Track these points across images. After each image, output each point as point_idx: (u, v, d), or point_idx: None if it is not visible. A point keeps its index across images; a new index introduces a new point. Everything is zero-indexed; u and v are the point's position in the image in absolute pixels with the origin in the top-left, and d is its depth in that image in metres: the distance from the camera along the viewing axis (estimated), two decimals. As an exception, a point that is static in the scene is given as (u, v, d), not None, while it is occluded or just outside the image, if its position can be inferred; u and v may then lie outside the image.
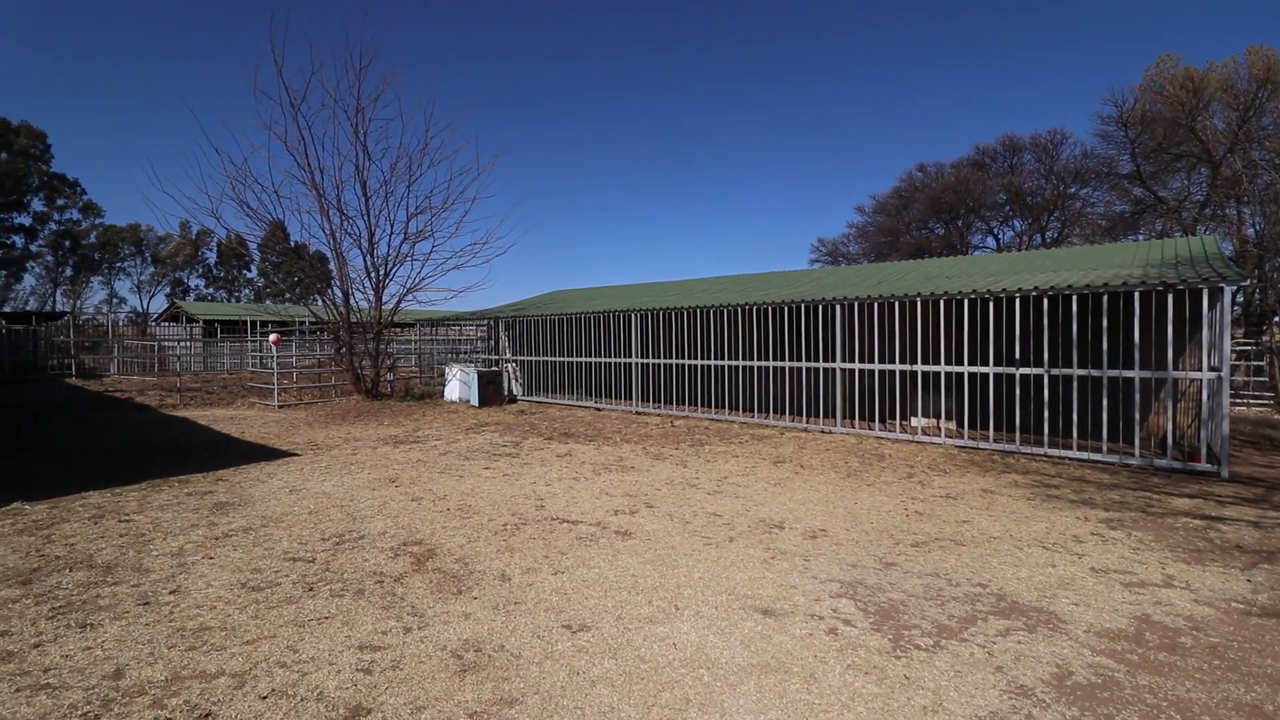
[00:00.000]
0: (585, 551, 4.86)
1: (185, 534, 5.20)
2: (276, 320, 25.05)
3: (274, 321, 26.39)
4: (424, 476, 7.39)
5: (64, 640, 3.43)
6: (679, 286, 17.20)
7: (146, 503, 6.17)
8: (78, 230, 54.61)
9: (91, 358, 23.33)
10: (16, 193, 50.27)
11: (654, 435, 10.51)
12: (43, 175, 52.35)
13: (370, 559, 4.66)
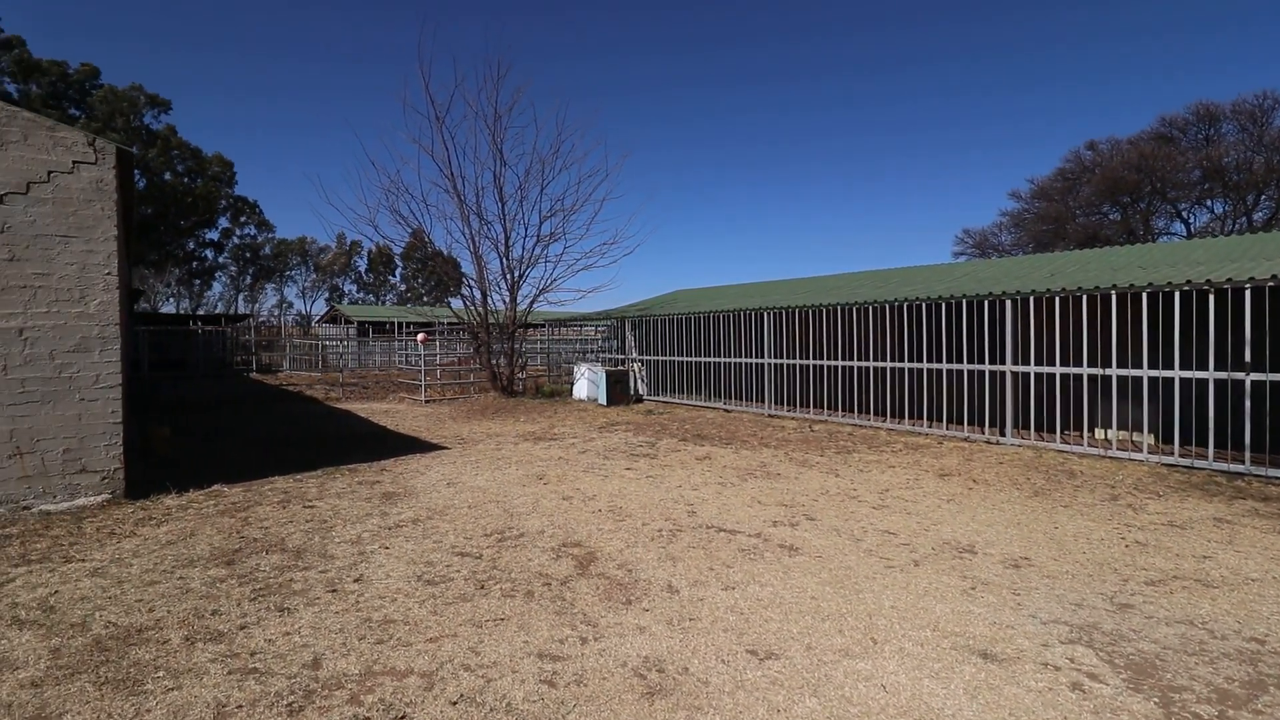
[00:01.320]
0: (752, 566, 4.49)
1: (361, 522, 5.44)
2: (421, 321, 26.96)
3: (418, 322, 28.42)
4: (569, 475, 7.37)
5: (266, 624, 3.58)
6: (811, 284, 16.36)
7: (325, 490, 6.59)
8: (255, 244, 62.26)
9: (267, 355, 26.34)
10: (209, 213, 58.07)
11: (793, 440, 9.94)
12: (229, 198, 60.11)
13: (534, 559, 4.59)
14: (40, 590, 3.96)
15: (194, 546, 4.79)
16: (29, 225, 5.97)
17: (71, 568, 4.34)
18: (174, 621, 3.58)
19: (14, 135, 5.96)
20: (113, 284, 6.34)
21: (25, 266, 5.94)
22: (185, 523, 5.42)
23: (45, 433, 5.95)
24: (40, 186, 6.05)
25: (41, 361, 5.96)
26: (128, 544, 4.84)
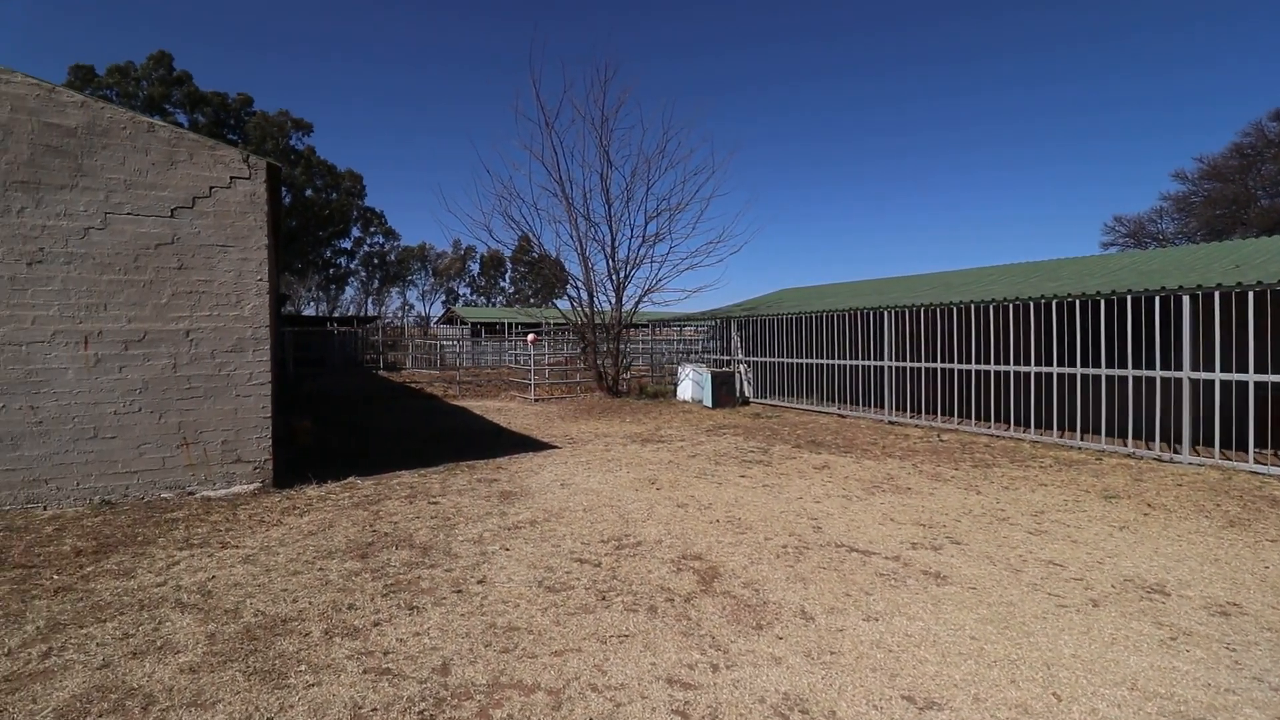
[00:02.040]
0: (895, 594, 4.05)
1: (482, 521, 5.50)
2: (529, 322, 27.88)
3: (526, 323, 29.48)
4: (682, 480, 7.15)
5: (397, 622, 3.61)
6: (935, 280, 15.17)
7: (447, 487, 6.78)
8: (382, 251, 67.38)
9: (392, 354, 28.30)
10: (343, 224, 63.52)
11: (920, 450, 9.16)
12: (359, 209, 65.46)
13: (653, 571, 4.40)
14: (200, 575, 4.26)
15: (332, 538, 5.02)
16: (194, 236, 6.57)
17: (227, 554, 4.66)
18: (314, 614, 3.70)
19: (182, 155, 6.58)
20: (264, 289, 6.85)
21: (191, 274, 6.54)
22: (324, 514, 5.73)
23: (207, 425, 6.52)
24: (203, 201, 6.64)
25: (204, 360, 6.54)
26: (275, 533, 5.15)
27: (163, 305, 6.39)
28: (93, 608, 3.74)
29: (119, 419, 6.17)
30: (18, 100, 5.97)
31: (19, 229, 5.92)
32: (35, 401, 5.90)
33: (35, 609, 3.71)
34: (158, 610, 3.72)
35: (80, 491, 6.01)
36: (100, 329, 6.14)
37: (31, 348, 5.92)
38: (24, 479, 5.84)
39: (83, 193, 6.15)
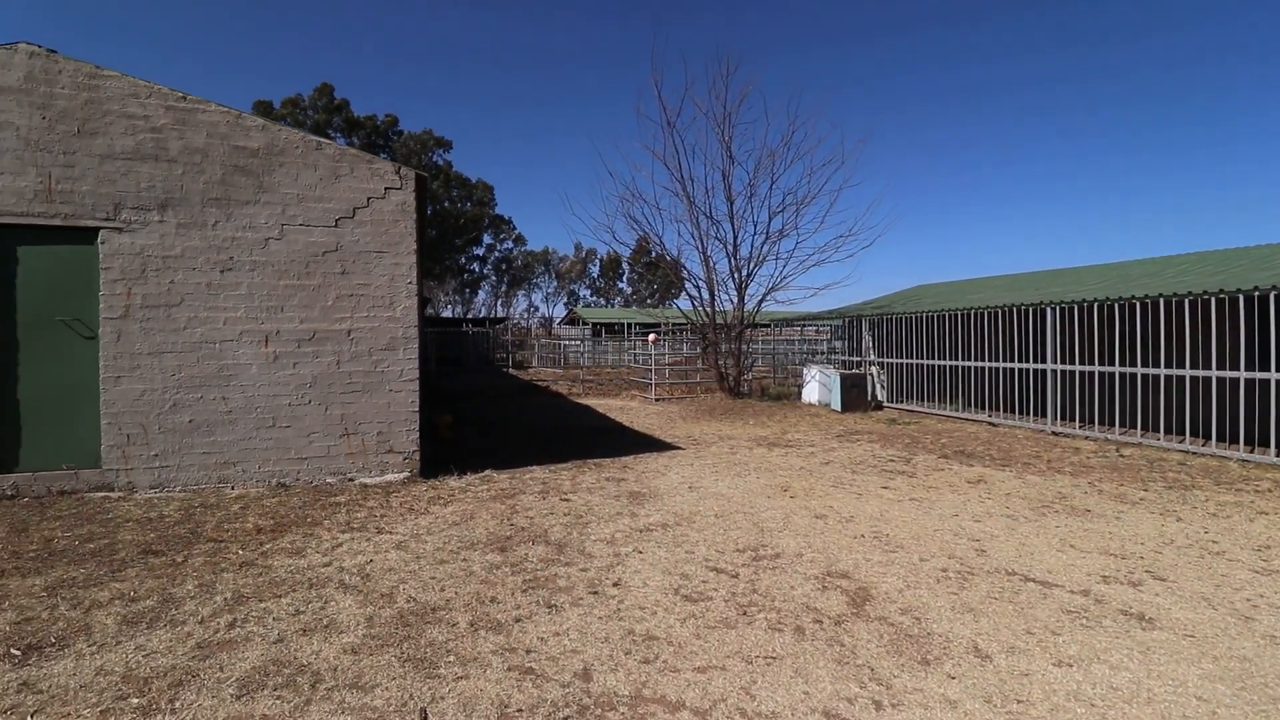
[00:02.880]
0: (1089, 637, 3.46)
1: (613, 521, 5.47)
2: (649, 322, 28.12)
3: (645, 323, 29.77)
4: (817, 489, 6.73)
5: (537, 620, 3.61)
6: (1108, 271, 13.35)
7: (577, 484, 6.86)
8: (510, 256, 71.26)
9: (520, 353, 29.76)
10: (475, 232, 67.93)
11: (1094, 466, 8.02)
12: (490, 217, 69.68)
13: (796, 587, 4.10)
14: (359, 558, 4.54)
15: (473, 530, 5.20)
16: (354, 244, 7.12)
17: (382, 539, 4.95)
18: (460, 604, 3.79)
19: (344, 170, 7.15)
20: (413, 291, 7.30)
21: (352, 278, 7.09)
22: (465, 505, 5.97)
23: (364, 418, 7.05)
24: (362, 211, 7.18)
25: (363, 358, 7.07)
26: (423, 521, 5.42)
27: (328, 307, 6.98)
28: (270, 583, 4.08)
29: (292, 410, 6.82)
30: (211, 127, 6.77)
31: (213, 240, 6.72)
32: (226, 393, 6.66)
33: (224, 581, 4.11)
34: (324, 590, 3.99)
35: (260, 474, 6.71)
36: (278, 329, 6.83)
37: (223, 345, 6.69)
38: (216, 461, 6.62)
39: (264, 207, 6.86)
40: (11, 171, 6.22)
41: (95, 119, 6.44)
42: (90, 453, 6.36)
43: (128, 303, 6.45)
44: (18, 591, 3.90)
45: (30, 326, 6.30)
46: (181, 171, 6.64)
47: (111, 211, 6.44)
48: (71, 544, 4.78)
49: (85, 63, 6.51)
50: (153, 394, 6.47)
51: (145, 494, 6.29)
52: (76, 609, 3.67)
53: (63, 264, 6.38)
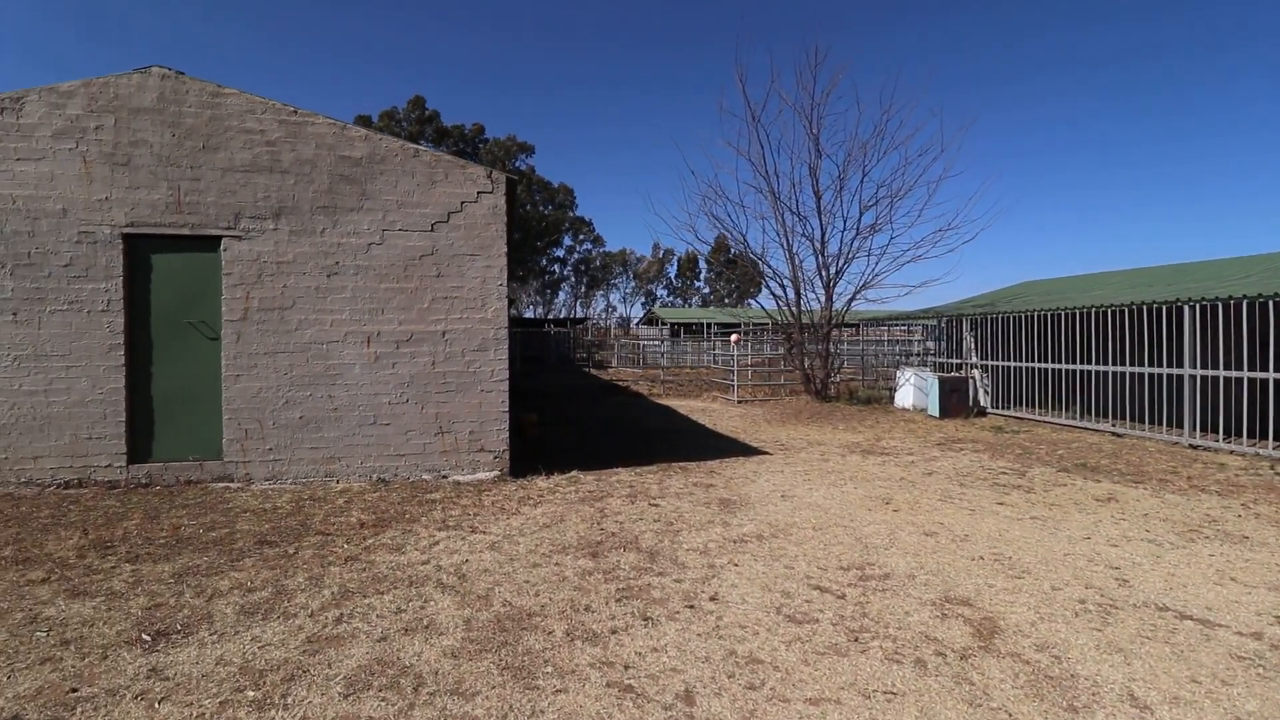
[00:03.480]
0: (1270, 690, 2.95)
1: (705, 530, 5.28)
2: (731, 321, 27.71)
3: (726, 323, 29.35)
4: (923, 503, 6.27)
5: (633, 633, 3.48)
6: (1251, 264, 11.82)
7: (664, 488, 6.72)
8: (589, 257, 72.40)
9: (599, 353, 30.10)
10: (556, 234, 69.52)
11: (1245, 485, 7.06)
12: (570, 219, 71.13)
13: (912, 613, 3.76)
14: (456, 558, 4.58)
15: (564, 533, 5.15)
16: (449, 247, 7.29)
17: (477, 539, 4.99)
18: (555, 611, 3.73)
19: (439, 175, 7.33)
20: (503, 293, 7.40)
21: (446, 281, 7.27)
22: (554, 507, 5.96)
23: (457, 417, 7.20)
24: (456, 215, 7.34)
25: (456, 358, 7.23)
26: (514, 522, 5.44)
27: (425, 309, 7.19)
28: (373, 579, 4.17)
29: (392, 408, 7.07)
30: (319, 138, 7.11)
31: (321, 246, 7.05)
32: (332, 391, 6.98)
33: (331, 575, 4.24)
34: (423, 588, 4.04)
35: (362, 470, 7.00)
36: (379, 330, 7.09)
37: (330, 346, 7.02)
38: (324, 456, 6.95)
39: (366, 213, 7.14)
40: (147, 186, 6.77)
41: (217, 134, 6.90)
42: (213, 446, 6.83)
43: (246, 306, 6.88)
44: (149, 577, 4.17)
45: (162, 328, 6.84)
46: (293, 182, 7.01)
47: (232, 220, 6.89)
48: (196, 532, 5.11)
49: (209, 82, 7.00)
50: (267, 392, 6.87)
51: (260, 485, 6.68)
52: (200, 597, 3.88)
53: (190, 270, 6.88)
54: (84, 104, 6.71)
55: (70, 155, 6.65)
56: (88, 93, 6.73)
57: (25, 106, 6.63)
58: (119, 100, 6.77)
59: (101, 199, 6.69)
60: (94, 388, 6.61)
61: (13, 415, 6.49)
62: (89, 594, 3.88)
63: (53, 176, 6.62)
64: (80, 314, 6.62)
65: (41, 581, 4.06)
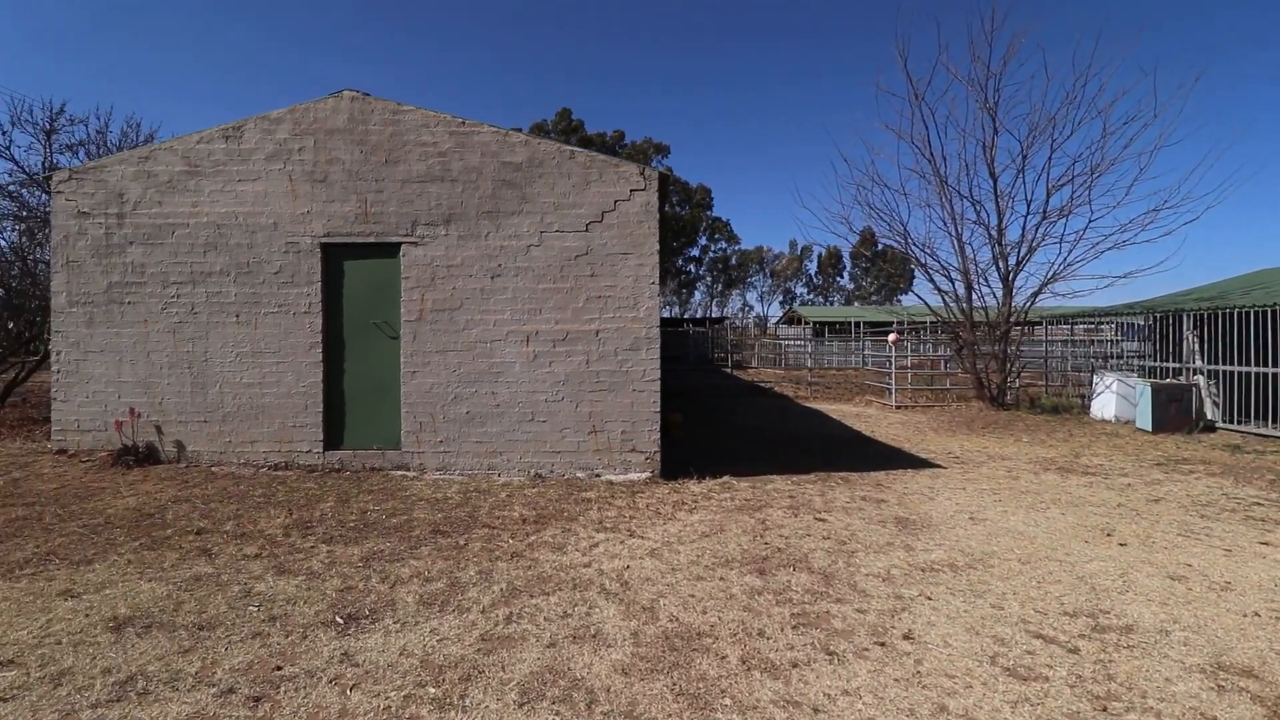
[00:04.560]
0: None
1: (885, 553, 4.72)
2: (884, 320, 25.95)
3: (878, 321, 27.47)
4: (1157, 537, 5.19)
5: (818, 669, 3.09)
6: None
7: (828, 501, 6.19)
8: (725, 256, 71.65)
9: (738, 353, 29.50)
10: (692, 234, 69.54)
11: None
12: (707, 219, 70.80)
13: (1175, 681, 3.00)
14: (617, 562, 4.45)
15: (725, 544, 4.85)
16: (602, 246, 7.28)
17: (635, 543, 4.84)
18: (726, 633, 3.43)
19: (594, 176, 7.34)
20: (655, 292, 7.26)
21: (600, 280, 7.27)
22: (711, 514, 5.68)
23: (609, 416, 7.18)
24: (609, 214, 7.32)
25: (609, 357, 7.21)
26: (672, 528, 5.24)
27: (579, 309, 7.24)
28: (538, 579, 4.15)
29: (548, 406, 7.20)
30: (484, 146, 7.40)
31: (486, 249, 7.35)
32: (495, 389, 7.25)
33: (499, 570, 4.28)
34: (587, 593, 3.93)
35: (521, 465, 7.19)
36: (536, 329, 7.25)
37: (493, 345, 7.29)
38: (487, 450, 7.23)
39: (526, 216, 7.34)
40: (340, 199, 7.45)
41: (397, 149, 7.43)
42: (392, 437, 7.37)
43: (421, 307, 7.34)
44: (342, 560, 4.47)
45: (352, 328, 7.49)
46: (461, 189, 7.37)
47: (410, 228, 7.39)
48: (380, 518, 5.46)
49: (389, 101, 7.55)
50: (439, 387, 7.29)
51: (432, 475, 7.09)
52: (384, 583, 4.06)
53: (374, 275, 7.48)
54: (290, 128, 7.53)
55: (279, 174, 7.50)
56: (292, 118, 7.54)
57: (244, 134, 7.57)
58: (317, 123, 7.52)
59: (304, 212, 7.47)
60: (298, 381, 7.40)
61: (235, 404, 7.44)
62: (292, 572, 4.21)
63: (265, 194, 7.50)
64: (287, 315, 7.44)
65: (255, 557, 4.49)
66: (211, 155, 7.56)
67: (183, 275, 7.55)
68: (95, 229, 7.64)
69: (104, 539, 4.80)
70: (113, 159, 7.81)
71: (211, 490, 6.31)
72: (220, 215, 7.53)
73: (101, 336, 7.61)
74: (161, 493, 6.17)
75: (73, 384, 7.66)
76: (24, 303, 11.24)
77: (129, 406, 7.49)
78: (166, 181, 7.58)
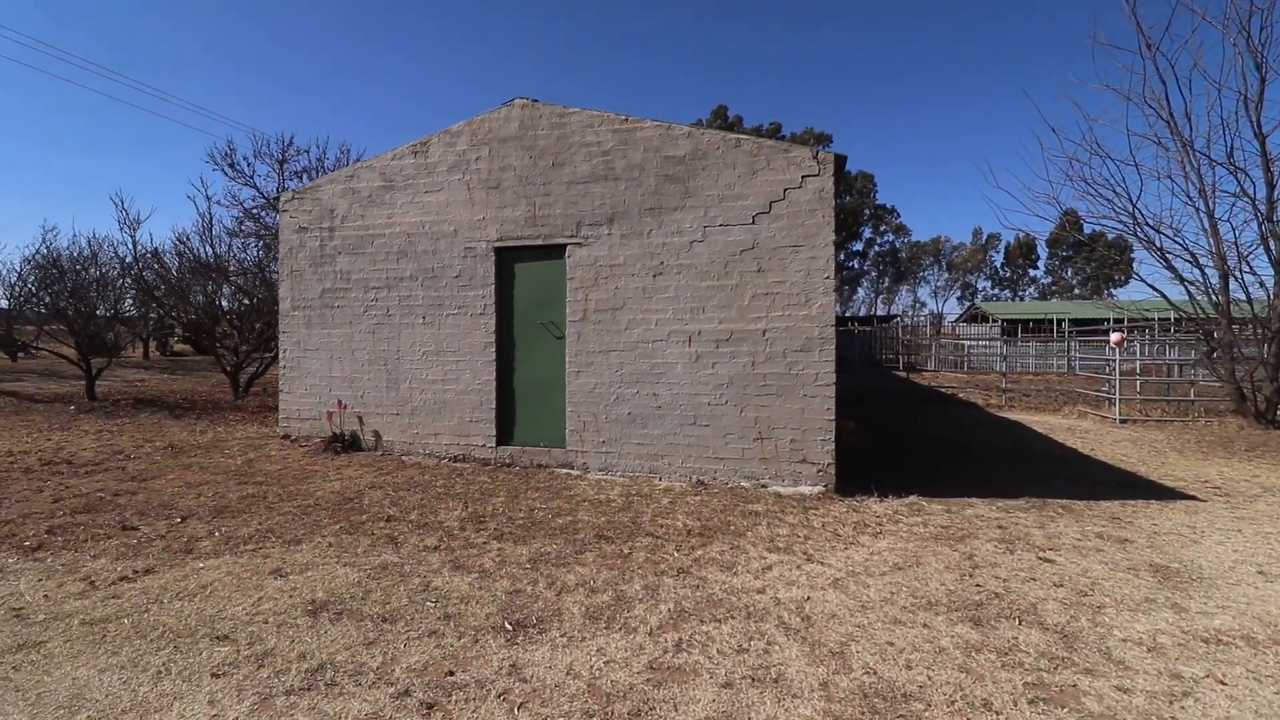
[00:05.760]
0: None
1: (1144, 612, 3.72)
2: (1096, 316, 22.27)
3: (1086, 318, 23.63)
4: None
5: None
6: None
7: (1051, 536, 5.13)
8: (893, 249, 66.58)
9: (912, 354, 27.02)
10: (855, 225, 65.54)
11: None
12: (871, 208, 66.33)
13: None
14: (795, 591, 3.96)
15: (925, 581, 4.14)
16: (770, 239, 6.76)
17: (814, 570, 4.30)
18: (940, 698, 2.81)
19: (761, 163, 6.84)
20: (829, 287, 6.59)
21: (767, 276, 6.75)
22: (901, 541, 4.95)
23: (777, 422, 6.64)
24: (778, 204, 6.77)
25: (776, 359, 6.68)
26: (856, 555, 4.61)
27: (744, 307, 6.79)
28: (708, 601, 3.79)
29: (711, 409, 6.84)
30: (647, 142, 7.22)
31: (648, 247, 7.16)
32: (656, 390, 7.05)
33: (665, 587, 3.99)
34: (763, 625, 3.49)
35: (682, 470, 6.91)
36: (699, 329, 6.93)
37: (654, 345, 7.09)
38: (648, 453, 7.05)
39: (689, 211, 7.04)
40: (510, 204, 7.70)
41: (563, 152, 7.51)
42: (557, 435, 7.47)
43: (585, 307, 7.35)
44: (511, 559, 4.46)
45: (521, 329, 7.72)
46: (624, 187, 7.26)
47: (575, 229, 7.43)
48: (546, 517, 5.46)
49: (556, 105, 7.65)
50: (601, 387, 7.25)
51: (595, 476, 7.06)
52: (551, 589, 3.95)
53: (541, 276, 7.63)
54: (467, 140, 7.93)
55: (459, 184, 7.93)
56: (469, 130, 7.94)
57: (429, 148, 8.11)
58: (491, 132, 7.84)
59: (479, 219, 7.83)
60: (474, 379, 7.78)
61: (422, 399, 8.01)
62: (466, 569, 4.26)
63: (447, 203, 7.98)
64: (465, 317, 7.85)
65: (434, 549, 4.64)
66: (403, 170, 8.22)
67: (380, 281, 8.29)
68: (312, 241, 8.65)
69: (311, 520, 5.28)
70: (325, 179, 8.80)
71: (401, 479, 6.79)
72: (410, 225, 8.15)
73: (316, 336, 8.61)
74: (361, 478, 6.75)
75: (295, 378, 8.76)
76: (264, 307, 13.26)
77: (337, 399, 8.38)
78: (367, 197, 8.37)
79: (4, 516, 5.21)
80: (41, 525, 5.01)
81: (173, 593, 3.81)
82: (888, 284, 67.78)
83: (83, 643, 3.20)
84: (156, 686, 2.84)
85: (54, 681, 2.85)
